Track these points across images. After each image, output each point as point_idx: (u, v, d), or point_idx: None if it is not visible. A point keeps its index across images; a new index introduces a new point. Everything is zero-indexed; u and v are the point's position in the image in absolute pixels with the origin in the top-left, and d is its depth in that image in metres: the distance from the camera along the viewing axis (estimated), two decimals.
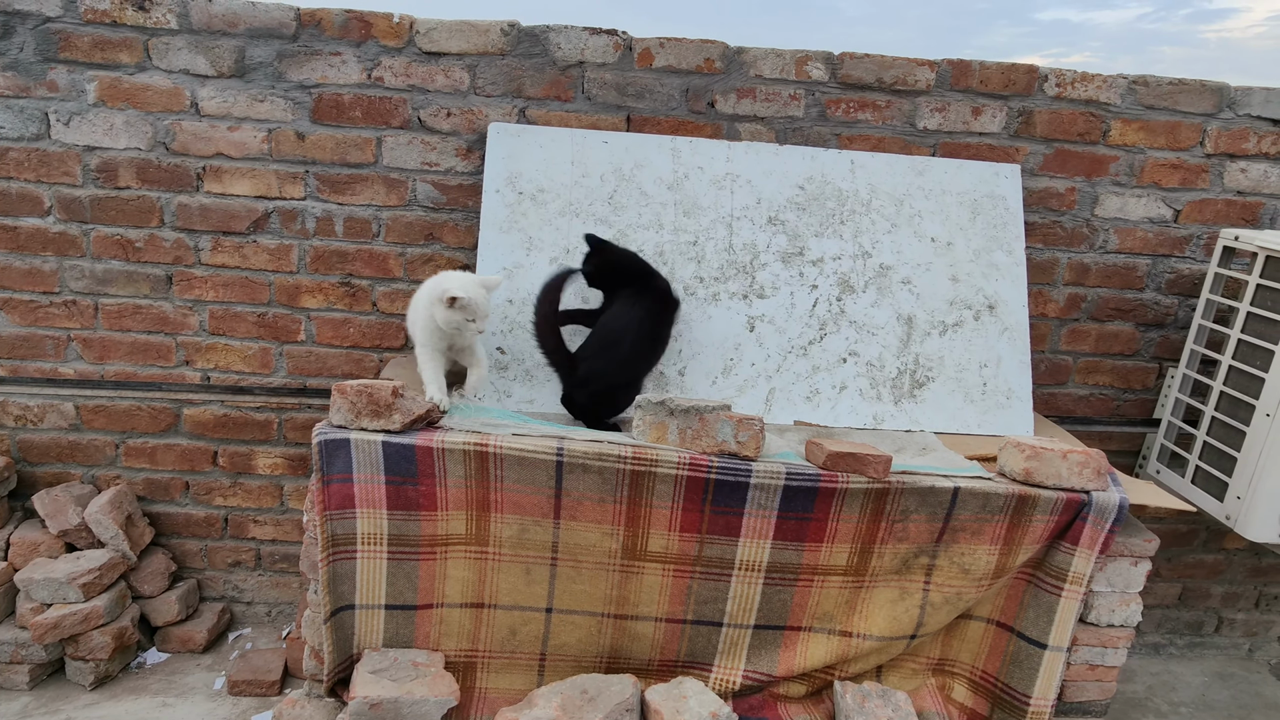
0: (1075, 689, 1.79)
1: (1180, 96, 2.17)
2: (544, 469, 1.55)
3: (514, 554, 1.61)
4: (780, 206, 2.08)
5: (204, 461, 2.30)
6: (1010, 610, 1.72)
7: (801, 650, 1.67)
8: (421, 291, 1.80)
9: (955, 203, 2.11)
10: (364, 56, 2.05)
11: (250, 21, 2.01)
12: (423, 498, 1.57)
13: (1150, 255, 2.29)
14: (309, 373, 2.26)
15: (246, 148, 2.10)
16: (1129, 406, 2.41)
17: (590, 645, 1.66)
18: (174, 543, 2.36)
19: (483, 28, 2.05)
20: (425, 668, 1.59)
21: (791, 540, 1.61)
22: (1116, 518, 1.63)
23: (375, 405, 1.55)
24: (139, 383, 2.23)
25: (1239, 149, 2.22)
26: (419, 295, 1.82)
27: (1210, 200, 2.26)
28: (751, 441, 1.59)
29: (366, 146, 2.11)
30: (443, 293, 1.66)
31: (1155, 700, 2.39)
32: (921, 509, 1.61)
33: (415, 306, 1.84)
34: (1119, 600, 1.74)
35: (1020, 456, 1.65)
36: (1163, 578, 2.54)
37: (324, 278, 2.20)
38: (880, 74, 2.12)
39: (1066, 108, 2.17)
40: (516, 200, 2.03)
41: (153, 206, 2.13)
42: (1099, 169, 2.22)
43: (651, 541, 1.60)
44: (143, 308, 2.19)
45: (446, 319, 1.68)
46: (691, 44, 2.08)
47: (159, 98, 2.06)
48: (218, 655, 2.26)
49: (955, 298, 2.06)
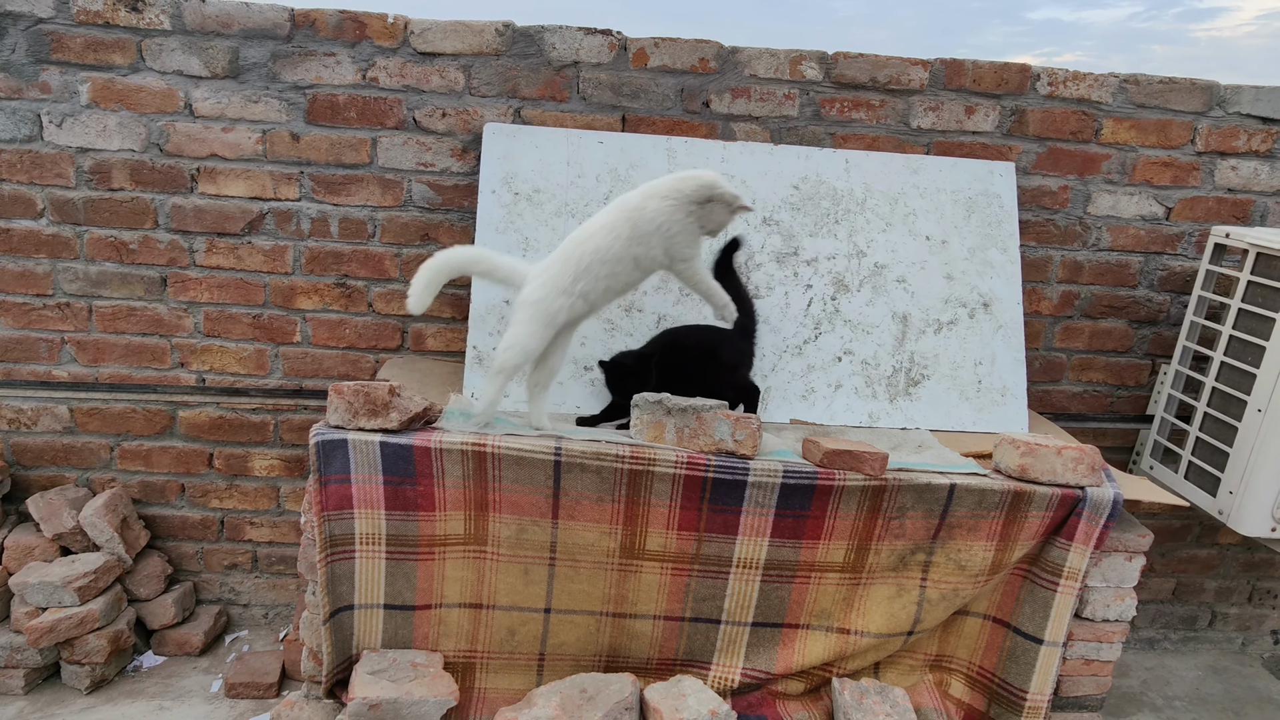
0: (1071, 684, 1.80)
1: (1171, 95, 2.19)
2: (542, 469, 1.55)
3: (512, 554, 1.61)
4: (775, 206, 2.08)
5: (199, 464, 2.29)
6: (1006, 606, 1.73)
7: (799, 647, 1.68)
8: (604, 221, 1.50)
9: (950, 201, 2.12)
10: (358, 57, 2.05)
11: (244, 22, 2.01)
12: (421, 498, 1.57)
13: (1143, 253, 2.31)
14: (305, 374, 2.25)
15: (241, 149, 2.09)
16: (1123, 403, 2.42)
17: (589, 644, 1.67)
18: (170, 545, 2.35)
19: (477, 28, 2.05)
20: (424, 668, 1.59)
21: (789, 538, 1.61)
22: (1111, 513, 1.64)
23: (372, 405, 1.55)
24: (134, 385, 2.22)
25: (1229, 147, 2.23)
26: (600, 230, 1.50)
27: (1201, 198, 2.27)
28: (748, 440, 1.59)
29: (361, 147, 2.11)
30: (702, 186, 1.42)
31: (1150, 694, 2.40)
32: (918, 506, 1.62)
33: (584, 254, 1.49)
34: (1114, 595, 1.75)
35: (1015, 453, 1.66)
36: (1157, 573, 2.56)
37: (319, 279, 2.19)
38: (874, 73, 2.13)
39: (1059, 106, 2.18)
40: (512, 201, 2.03)
41: (147, 208, 2.12)
42: (1091, 167, 2.23)
43: (649, 540, 1.61)
44: (137, 310, 2.18)
45: (717, 220, 1.44)
46: (686, 44, 2.09)
47: (152, 99, 2.05)
48: (215, 658, 2.25)
49: (950, 296, 2.07)
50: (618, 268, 1.57)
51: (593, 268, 1.55)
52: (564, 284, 1.55)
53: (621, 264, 1.56)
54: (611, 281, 1.58)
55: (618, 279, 1.58)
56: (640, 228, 1.56)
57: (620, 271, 1.57)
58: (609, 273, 1.56)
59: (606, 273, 1.56)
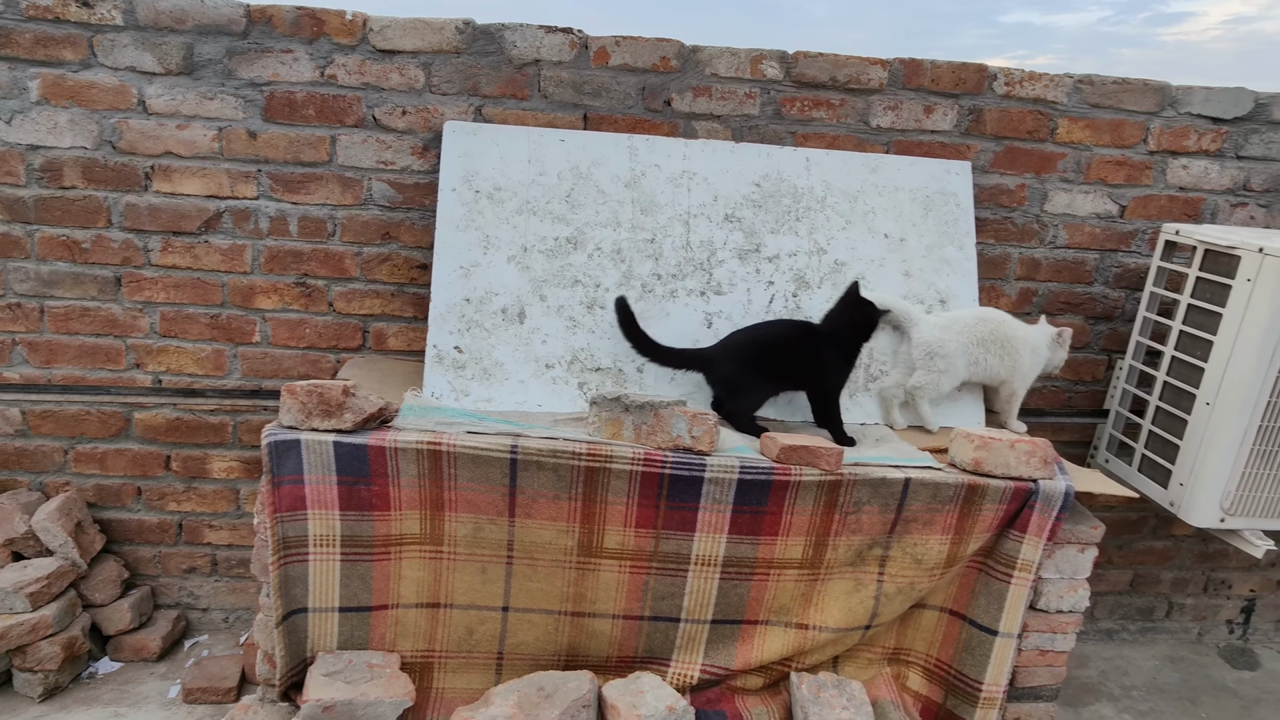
0: (1026, 674, 1.83)
1: (1124, 95, 2.23)
2: (498, 467, 1.55)
3: (469, 553, 1.60)
4: (737, 204, 2.09)
5: (156, 466, 2.26)
6: (962, 599, 1.75)
7: (758, 643, 1.69)
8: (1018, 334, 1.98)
9: (908, 199, 2.14)
10: (316, 54, 2.03)
11: (199, 18, 1.98)
12: (376, 498, 1.56)
13: (1098, 250, 2.35)
14: (264, 374, 2.22)
15: (196, 146, 2.06)
16: (1080, 398, 2.46)
17: (548, 643, 1.66)
18: (126, 550, 2.31)
19: (437, 25, 2.04)
20: (380, 669, 1.58)
21: (746, 534, 1.62)
22: (1063, 505, 1.66)
23: (326, 405, 1.54)
24: (88, 387, 2.18)
25: (1181, 146, 2.28)
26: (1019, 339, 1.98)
27: (1154, 196, 2.32)
28: (705, 436, 1.60)
29: (320, 145, 2.09)
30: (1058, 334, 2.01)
31: (1108, 684, 2.44)
32: (874, 500, 1.63)
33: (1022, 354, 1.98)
34: (1067, 586, 1.78)
35: (970, 447, 1.69)
36: (1115, 565, 2.60)
37: (279, 278, 2.17)
38: (834, 73, 2.14)
39: (1015, 106, 2.22)
40: (473, 199, 2.02)
41: (99, 206, 2.08)
42: (1047, 166, 2.27)
43: (607, 538, 1.61)
44: (90, 310, 2.14)
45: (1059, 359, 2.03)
46: (647, 42, 2.09)
47: (105, 95, 2.02)
48: (172, 663, 2.22)
49: (908, 292, 2.09)
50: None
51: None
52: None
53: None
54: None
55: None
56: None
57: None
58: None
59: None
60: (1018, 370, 1.97)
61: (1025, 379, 2.00)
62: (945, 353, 1.92)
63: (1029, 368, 1.98)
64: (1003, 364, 1.97)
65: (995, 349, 1.96)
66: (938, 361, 1.92)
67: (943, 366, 1.92)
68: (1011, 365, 1.97)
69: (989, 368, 1.97)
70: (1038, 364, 2.00)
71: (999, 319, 1.98)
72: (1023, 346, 1.96)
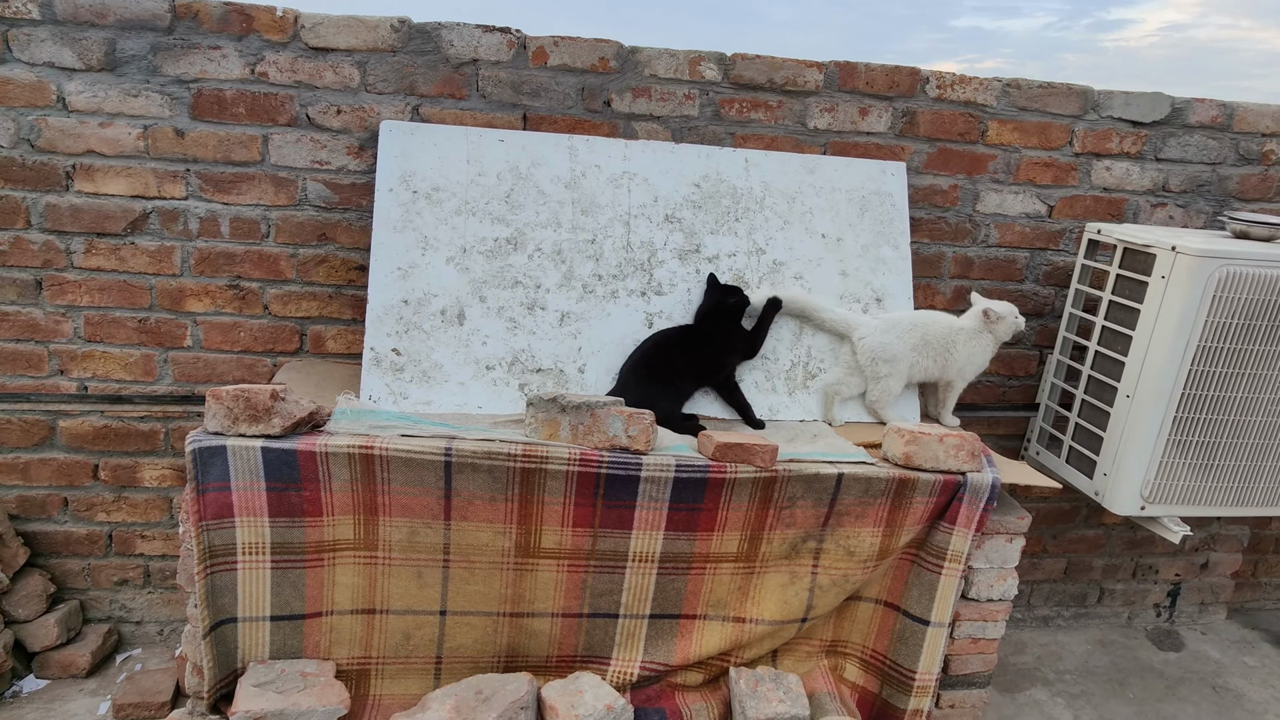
0: (959, 662, 1.88)
1: (1050, 99, 2.31)
2: (432, 470, 1.53)
3: (405, 557, 1.58)
4: (677, 204, 2.11)
5: (83, 475, 2.18)
6: (896, 590, 1.79)
7: (697, 638, 1.70)
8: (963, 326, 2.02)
9: (845, 200, 2.18)
10: (246, 51, 1.99)
11: (120, 13, 1.92)
12: (307, 503, 1.53)
13: (1028, 249, 2.42)
14: (197, 379, 2.17)
15: (120, 145, 2.00)
16: (1014, 393, 2.54)
17: (487, 645, 1.65)
18: (53, 563, 2.23)
19: (371, 23, 2.01)
20: (314, 677, 1.55)
21: (683, 530, 1.64)
22: (990, 497, 1.71)
23: (253, 410, 1.51)
24: (8, 394, 2.10)
25: (1104, 149, 2.37)
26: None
27: (1080, 196, 2.40)
28: (641, 435, 1.61)
29: (252, 144, 2.04)
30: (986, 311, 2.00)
31: (1043, 670, 2.53)
32: (808, 495, 1.66)
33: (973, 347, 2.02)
34: (997, 576, 1.84)
35: (901, 441, 1.73)
36: (1049, 553, 2.69)
37: (210, 280, 2.11)
38: (771, 75, 2.17)
39: (947, 109, 2.28)
40: (411, 199, 1.99)
41: (18, 207, 2.01)
42: (979, 167, 2.33)
43: (545, 538, 1.61)
44: (9, 314, 2.06)
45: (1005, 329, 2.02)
46: (586, 43, 2.09)
47: (21, 92, 1.94)
48: (104, 679, 2.15)
49: (845, 291, 2.13)
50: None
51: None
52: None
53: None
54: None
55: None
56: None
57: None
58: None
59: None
60: (952, 367, 2.03)
61: (963, 374, 2.05)
62: (890, 356, 1.97)
63: (965, 361, 2.03)
64: (937, 364, 2.02)
65: (930, 352, 2.01)
66: (881, 366, 1.97)
67: (888, 371, 1.97)
68: (945, 364, 2.02)
69: (926, 370, 2.03)
70: (980, 351, 2.03)
71: (929, 321, 2.03)
72: (959, 344, 2.01)
